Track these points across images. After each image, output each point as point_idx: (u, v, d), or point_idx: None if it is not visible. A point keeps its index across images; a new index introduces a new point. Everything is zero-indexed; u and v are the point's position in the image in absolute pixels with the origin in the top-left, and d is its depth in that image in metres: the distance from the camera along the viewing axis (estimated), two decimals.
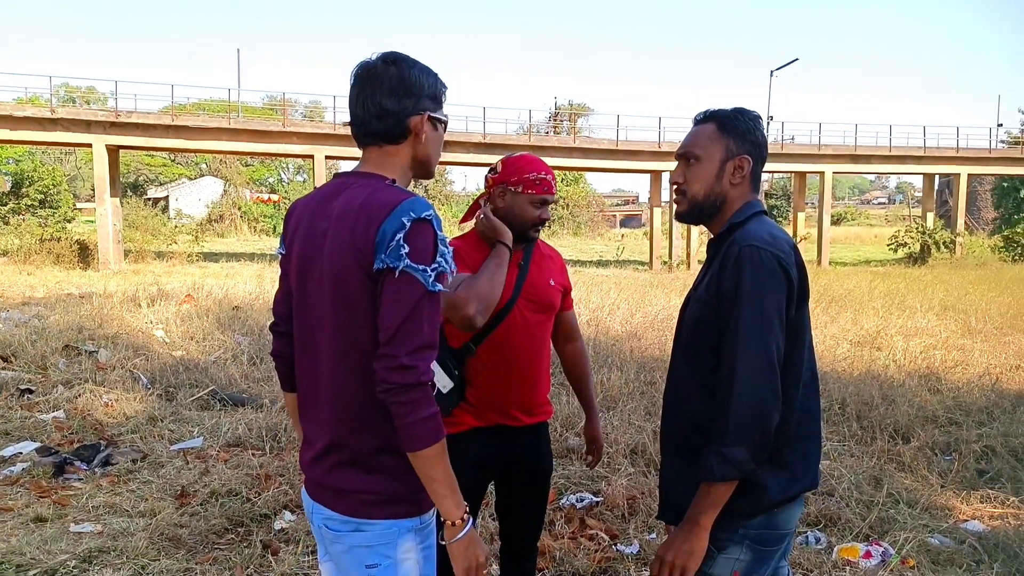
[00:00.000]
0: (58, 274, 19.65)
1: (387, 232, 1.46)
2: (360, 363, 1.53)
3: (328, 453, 1.60)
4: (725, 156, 1.78)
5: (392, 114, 1.59)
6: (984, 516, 4.02)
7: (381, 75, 1.59)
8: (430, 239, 1.49)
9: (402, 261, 1.45)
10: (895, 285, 16.83)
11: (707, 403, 1.68)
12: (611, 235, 51.57)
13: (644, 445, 4.83)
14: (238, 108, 28.86)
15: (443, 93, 1.67)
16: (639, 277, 20.74)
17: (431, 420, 1.47)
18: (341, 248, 1.52)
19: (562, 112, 46.76)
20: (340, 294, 1.53)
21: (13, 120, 23.22)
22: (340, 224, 1.53)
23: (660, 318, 9.93)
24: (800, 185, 33.15)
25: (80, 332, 8.64)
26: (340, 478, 1.59)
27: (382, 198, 1.51)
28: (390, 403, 1.46)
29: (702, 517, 1.63)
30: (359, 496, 1.57)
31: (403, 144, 1.62)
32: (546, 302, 2.43)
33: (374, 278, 1.49)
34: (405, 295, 1.46)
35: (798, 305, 1.68)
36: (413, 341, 1.45)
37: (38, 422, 5.43)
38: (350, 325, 1.53)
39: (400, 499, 1.57)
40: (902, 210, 67.04)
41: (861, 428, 5.42)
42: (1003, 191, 44.40)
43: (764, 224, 1.73)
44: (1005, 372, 7.36)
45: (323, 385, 1.60)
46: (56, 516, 3.90)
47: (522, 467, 2.45)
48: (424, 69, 1.63)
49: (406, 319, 1.45)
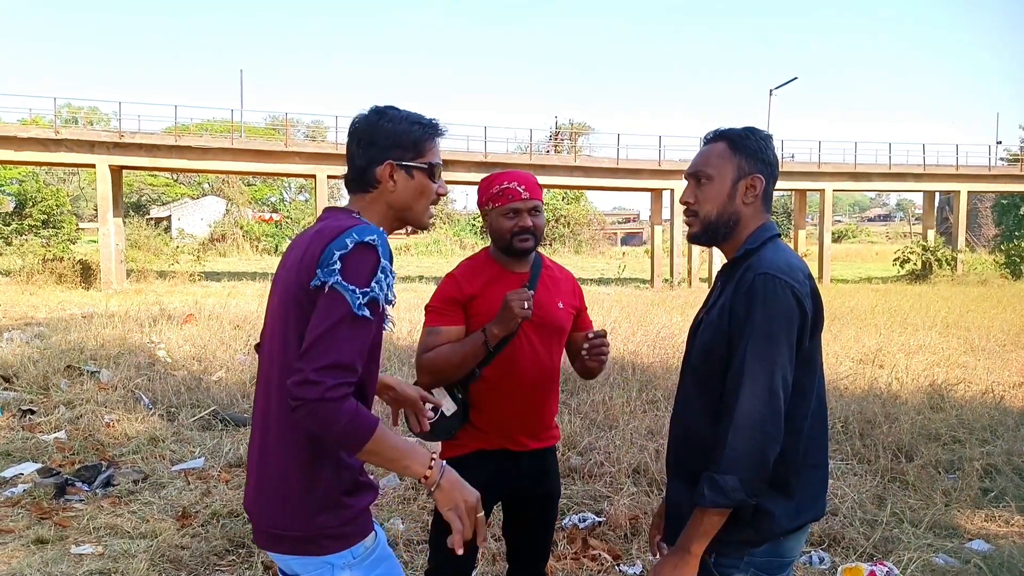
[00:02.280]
0: (60, 294, 19.69)
1: (330, 251, 1.49)
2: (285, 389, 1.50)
3: (259, 490, 1.60)
4: (737, 175, 1.75)
5: (358, 166, 1.66)
6: (989, 535, 3.99)
7: (356, 129, 1.67)
8: (369, 263, 1.49)
9: (333, 277, 1.46)
10: (897, 302, 16.83)
11: (714, 428, 1.66)
12: (612, 253, 51.59)
13: (647, 464, 4.81)
14: (241, 128, 29.07)
15: (426, 139, 1.68)
16: (641, 295, 20.74)
17: (350, 424, 1.43)
18: (290, 269, 1.57)
19: (563, 131, 46.98)
20: (283, 315, 1.57)
21: (17, 141, 23.35)
22: (298, 249, 1.59)
23: (662, 336, 9.93)
24: (800, 203, 33.23)
25: (82, 352, 8.66)
26: (270, 519, 1.59)
27: (337, 225, 1.55)
28: (302, 422, 1.44)
29: (693, 544, 1.61)
30: (285, 536, 1.57)
31: (375, 193, 1.67)
32: (554, 325, 2.37)
33: (310, 296, 1.50)
34: (329, 311, 1.46)
35: (811, 334, 1.66)
36: (325, 358, 1.43)
37: (40, 443, 5.42)
38: (286, 346, 1.54)
39: (324, 535, 1.56)
40: (903, 227, 67.16)
41: (864, 446, 5.40)
42: (1003, 208, 44.44)
43: (780, 251, 1.70)
44: (1008, 389, 7.34)
45: (260, 415, 1.62)
46: (57, 538, 3.89)
47: (528, 491, 2.42)
48: (403, 117, 1.67)
49: (323, 334, 1.44)
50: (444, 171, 1.71)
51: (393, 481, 4.72)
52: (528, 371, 2.30)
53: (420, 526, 4.05)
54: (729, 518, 1.60)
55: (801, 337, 1.62)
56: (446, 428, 2.30)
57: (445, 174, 6.42)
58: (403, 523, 4.10)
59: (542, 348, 2.33)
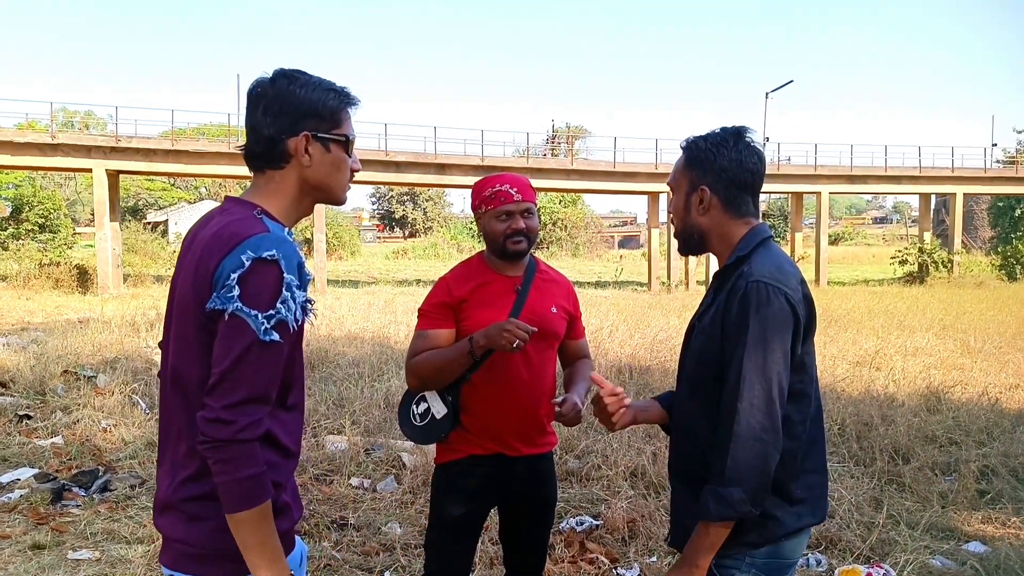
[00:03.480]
0: (57, 299, 19.66)
1: (224, 269, 1.34)
2: (188, 406, 1.41)
3: (164, 496, 1.48)
4: (689, 188, 1.78)
5: (266, 136, 1.47)
6: (986, 537, 4.00)
7: (261, 94, 1.48)
8: (270, 282, 1.34)
9: (232, 304, 1.33)
10: (893, 304, 16.86)
11: (711, 432, 1.67)
12: (609, 256, 51.61)
13: (644, 467, 4.81)
14: (237, 132, 29.01)
15: (341, 109, 1.51)
16: (638, 298, 20.75)
17: (248, 481, 1.33)
18: (185, 283, 1.43)
19: (560, 135, 47.06)
20: (180, 332, 1.44)
21: (14, 146, 23.34)
22: (191, 256, 1.43)
23: (659, 339, 9.93)
24: (797, 205, 33.30)
25: (79, 357, 8.63)
26: (167, 524, 1.46)
27: (231, 231, 1.39)
28: (207, 458, 1.34)
29: (699, 558, 1.62)
30: (181, 547, 1.44)
31: (286, 169, 1.49)
32: (547, 329, 2.34)
33: (210, 317, 1.36)
34: (233, 341, 1.33)
35: (804, 339, 1.66)
36: (235, 394, 1.32)
37: (36, 448, 5.41)
38: (185, 364, 1.43)
39: (223, 556, 1.41)
40: (899, 229, 67.30)
41: (861, 449, 5.41)
42: (999, 210, 44.54)
43: (771, 256, 1.70)
44: (1004, 391, 7.35)
45: (165, 423, 1.51)
46: (54, 543, 3.88)
47: (523, 496, 2.41)
48: (312, 84, 1.49)
49: (231, 368, 1.33)
50: (442, 175, 1.66)
51: (391, 486, 4.72)
52: (520, 376, 2.29)
53: (417, 530, 4.05)
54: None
55: (795, 343, 1.63)
56: (437, 431, 2.31)
57: (442, 178, 6.46)
58: (400, 527, 4.10)
59: (534, 353, 2.32)
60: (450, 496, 2.36)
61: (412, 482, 4.72)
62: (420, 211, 65.86)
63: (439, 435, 2.31)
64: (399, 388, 6.99)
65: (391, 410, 6.43)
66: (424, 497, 4.53)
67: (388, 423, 6.06)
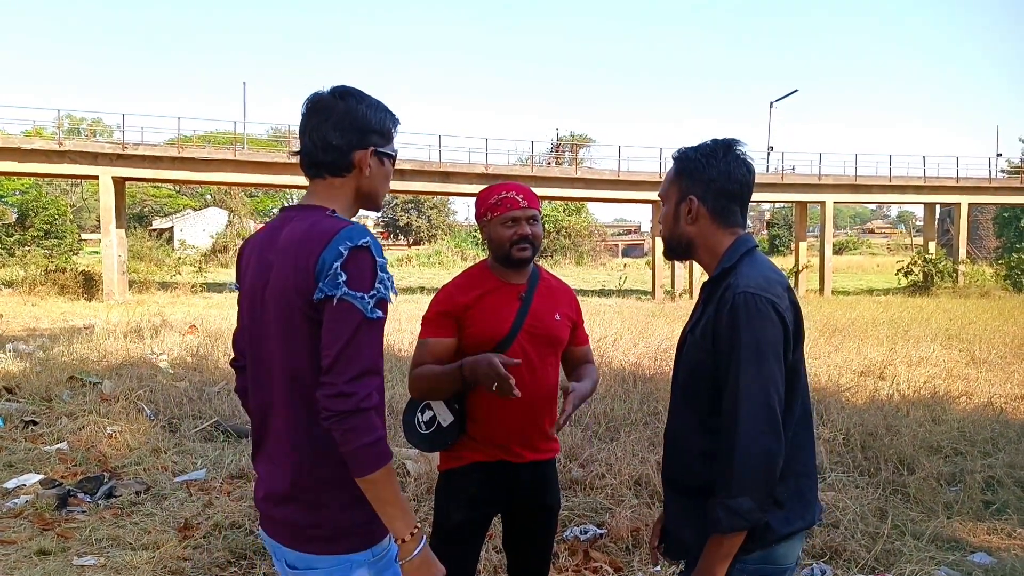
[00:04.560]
0: (63, 305, 19.73)
1: (326, 261, 1.49)
2: (304, 395, 1.54)
3: (278, 489, 1.62)
4: (679, 198, 1.82)
5: (336, 148, 1.62)
6: (991, 548, 3.99)
7: (329, 108, 1.63)
8: (368, 266, 1.50)
9: (340, 289, 1.47)
10: (898, 314, 16.82)
11: (703, 444, 1.70)
12: (613, 264, 51.62)
13: (648, 476, 4.81)
14: (243, 140, 29.18)
15: (393, 128, 1.70)
16: (642, 307, 20.74)
17: (375, 445, 1.48)
18: (284, 280, 1.55)
19: (564, 143, 47.14)
20: (286, 326, 1.56)
21: (21, 152, 23.49)
22: (283, 256, 1.56)
23: (663, 348, 9.93)
24: (801, 215, 33.27)
25: (84, 363, 8.66)
26: (288, 514, 1.60)
27: (321, 228, 1.54)
28: (332, 431, 1.47)
29: (715, 569, 1.63)
30: (306, 532, 1.58)
31: (347, 177, 1.65)
32: (550, 336, 2.37)
33: (316, 308, 1.51)
34: (344, 323, 1.48)
35: (794, 346, 1.69)
36: (352, 368, 1.46)
37: (42, 454, 5.43)
38: (296, 357, 1.56)
39: (347, 533, 1.58)
40: (904, 239, 67.13)
41: (866, 459, 5.39)
42: (1004, 220, 44.46)
43: (757, 265, 1.73)
44: (1010, 402, 7.33)
45: (274, 419, 1.62)
46: (59, 549, 3.90)
47: (526, 503, 2.42)
48: (374, 104, 1.66)
49: (345, 346, 1.47)
50: (446, 183, 1.75)
51: None
52: (524, 383, 2.28)
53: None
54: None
55: (785, 350, 1.65)
56: (442, 439, 2.31)
57: (447, 186, 6.52)
58: None
59: (538, 360, 2.34)
60: (454, 503, 2.37)
61: (416, 490, 4.72)
62: (424, 219, 65.94)
63: (445, 443, 2.32)
64: (403, 395, 6.99)
65: (395, 417, 6.40)
66: (429, 505, 4.53)
67: (392, 431, 6.05)
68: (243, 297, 1.69)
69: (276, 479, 1.62)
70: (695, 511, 1.70)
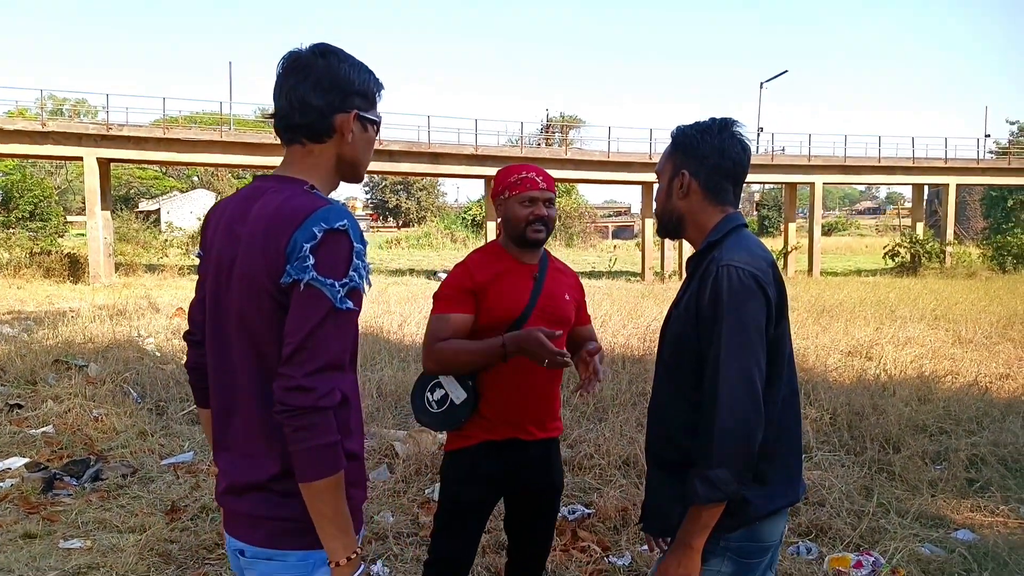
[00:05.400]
0: (48, 288, 19.56)
1: (297, 242, 1.36)
2: (269, 381, 1.41)
3: (242, 479, 1.49)
4: (672, 173, 1.83)
5: (316, 109, 1.47)
6: (974, 525, 4.03)
7: (308, 66, 1.47)
8: (342, 251, 1.37)
9: (308, 273, 1.35)
10: (886, 295, 16.93)
11: (686, 418, 1.70)
12: (603, 246, 51.63)
13: (636, 457, 4.83)
14: (230, 121, 28.87)
15: (377, 92, 1.56)
16: (631, 288, 20.78)
17: (327, 449, 1.35)
18: (253, 258, 1.41)
19: (554, 124, 46.95)
20: (251, 307, 1.43)
21: (3, 133, 23.15)
22: (253, 231, 1.42)
23: (652, 329, 9.95)
24: (791, 196, 33.33)
25: (70, 346, 8.60)
26: (253, 505, 1.47)
27: (295, 205, 1.40)
28: (284, 426, 1.35)
29: (693, 540, 1.64)
30: (271, 524, 1.46)
31: (327, 143, 1.50)
32: (561, 315, 2.43)
33: (285, 293, 1.38)
34: (309, 310, 1.35)
35: (777, 321, 1.69)
36: (314, 361, 1.34)
37: (27, 437, 5.40)
38: (260, 340, 1.43)
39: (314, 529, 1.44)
40: (892, 220, 67.48)
41: (852, 438, 5.44)
42: (992, 201, 44.73)
43: (742, 240, 1.74)
44: (995, 381, 7.40)
45: (236, 402, 1.49)
46: (45, 532, 3.88)
47: (533, 482, 2.44)
48: (357, 64, 1.52)
49: (308, 336, 1.34)
50: (436, 164, 1.68)
51: (383, 475, 4.72)
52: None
53: (410, 519, 4.06)
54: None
55: (767, 324, 1.65)
56: (455, 417, 2.31)
57: (436, 167, 6.48)
58: (392, 516, 4.11)
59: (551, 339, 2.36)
60: (463, 483, 2.37)
61: (404, 471, 4.72)
62: (414, 200, 65.73)
63: (458, 421, 2.32)
64: (391, 378, 6.99)
65: (383, 399, 6.43)
66: (417, 486, 4.54)
67: (380, 412, 6.06)
68: (206, 269, 1.54)
69: (241, 469, 1.49)
70: (671, 486, 1.71)
